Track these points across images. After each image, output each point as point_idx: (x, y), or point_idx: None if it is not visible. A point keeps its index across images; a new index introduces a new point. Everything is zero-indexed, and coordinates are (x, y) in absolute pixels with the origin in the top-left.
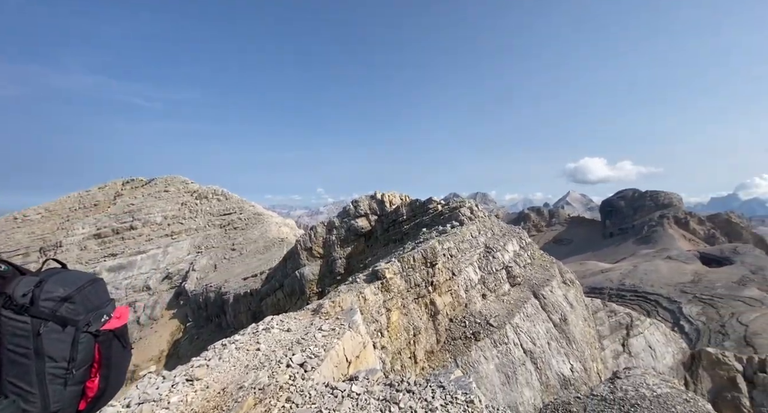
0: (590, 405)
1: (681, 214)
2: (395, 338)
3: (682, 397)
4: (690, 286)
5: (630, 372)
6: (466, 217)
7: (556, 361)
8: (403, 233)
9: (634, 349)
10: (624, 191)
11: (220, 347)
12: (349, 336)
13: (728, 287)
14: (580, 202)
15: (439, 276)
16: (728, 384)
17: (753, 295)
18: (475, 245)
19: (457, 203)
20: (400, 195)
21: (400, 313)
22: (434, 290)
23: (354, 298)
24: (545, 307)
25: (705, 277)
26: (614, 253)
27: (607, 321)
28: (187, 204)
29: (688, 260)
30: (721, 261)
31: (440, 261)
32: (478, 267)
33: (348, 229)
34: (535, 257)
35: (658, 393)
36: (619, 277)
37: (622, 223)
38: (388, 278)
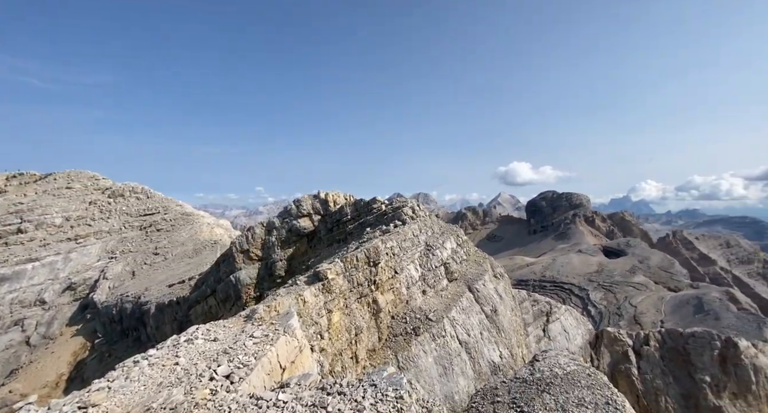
0: (513, 387)
1: (589, 213)
2: (336, 339)
3: (586, 372)
4: (595, 275)
5: (546, 355)
6: (408, 216)
7: (487, 350)
8: (347, 233)
9: (552, 333)
10: (545, 192)
11: (131, 364)
12: (284, 341)
13: (623, 275)
14: (510, 202)
15: (381, 275)
16: (622, 358)
17: (640, 281)
18: (417, 244)
19: (400, 203)
20: (345, 195)
21: (342, 314)
22: (377, 289)
23: (292, 301)
24: (479, 300)
25: (606, 267)
26: (537, 248)
27: (531, 309)
28: (97, 203)
29: (594, 253)
30: (618, 253)
31: (383, 260)
32: (419, 265)
33: (289, 229)
34: (470, 253)
35: (568, 371)
36: (541, 269)
37: (544, 221)
38: (330, 278)
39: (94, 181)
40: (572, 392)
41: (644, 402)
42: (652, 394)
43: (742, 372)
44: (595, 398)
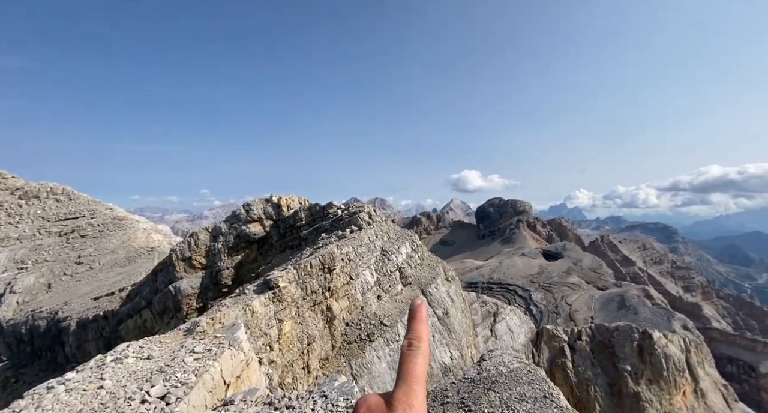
0: (462, 387)
1: (531, 219)
2: (287, 350)
3: (527, 369)
4: (536, 277)
5: (492, 354)
6: (365, 221)
7: (439, 352)
8: (301, 239)
9: (498, 333)
10: (493, 199)
11: (43, 391)
12: (229, 355)
13: (560, 276)
14: (461, 208)
15: (336, 281)
16: (559, 353)
17: (574, 281)
18: (373, 249)
19: (356, 208)
20: (299, 199)
21: (294, 323)
22: (331, 296)
23: (239, 312)
24: (431, 303)
25: (546, 269)
26: (486, 252)
27: (480, 310)
28: (4, 206)
29: (536, 256)
30: (556, 256)
31: (338, 266)
32: (375, 270)
33: (238, 235)
34: (424, 257)
35: (512, 369)
36: (489, 272)
37: (492, 226)
38: (282, 286)
39: (1, 180)
40: (515, 388)
41: (577, 392)
42: (583, 385)
43: (656, 361)
44: (534, 392)
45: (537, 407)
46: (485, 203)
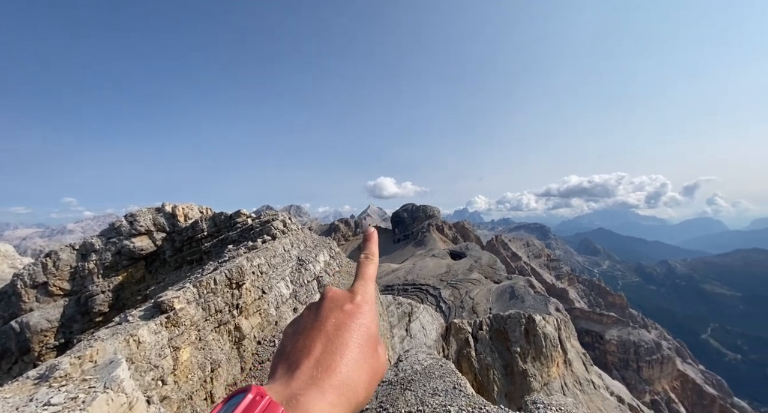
0: (381, 391)
1: (439, 222)
2: (185, 381)
3: (439, 364)
4: (445, 275)
5: (408, 354)
6: (279, 230)
7: None
8: (203, 252)
9: (413, 332)
10: (406, 205)
11: None
12: (105, 400)
13: (464, 273)
14: (378, 214)
15: (246, 297)
16: (464, 344)
17: (475, 277)
18: (288, 259)
19: (269, 216)
20: (200, 207)
21: (194, 349)
22: (240, 314)
23: (120, 344)
24: None
25: (452, 268)
26: (401, 255)
27: (396, 312)
28: None
29: (444, 257)
30: (460, 255)
31: (248, 280)
32: (291, 281)
33: (118, 252)
34: (342, 264)
35: (425, 366)
36: (404, 274)
37: (406, 230)
38: (178, 309)
39: None
40: (428, 384)
41: (479, 378)
42: (484, 370)
43: (538, 340)
44: (445, 385)
45: (448, 398)
46: (400, 209)
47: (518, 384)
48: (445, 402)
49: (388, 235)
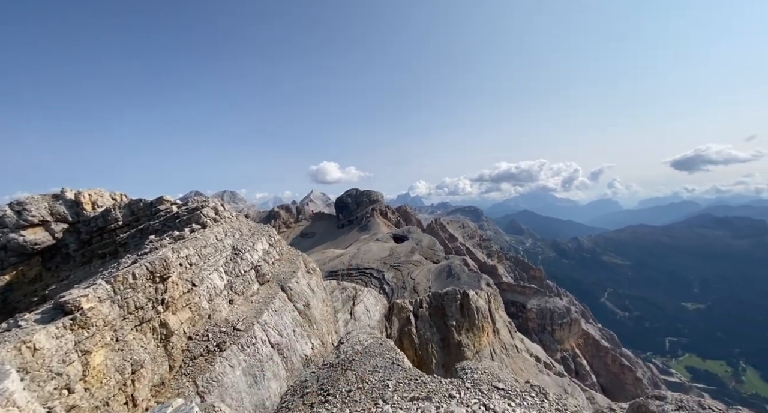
0: (322, 374)
1: (383, 207)
2: (99, 386)
3: (379, 342)
4: (388, 258)
5: (349, 336)
6: (209, 218)
7: (300, 345)
8: (118, 244)
9: (357, 314)
10: (350, 190)
11: None
12: None
13: (406, 256)
14: (321, 199)
15: (174, 291)
16: (406, 322)
17: (417, 259)
18: (221, 249)
19: (198, 203)
20: (112, 194)
21: (110, 351)
22: (167, 309)
23: (9, 353)
24: (291, 297)
25: (395, 251)
26: (346, 240)
27: (340, 296)
28: None
29: (387, 240)
30: (403, 238)
31: (175, 273)
32: (225, 272)
33: (3, 247)
34: (283, 252)
35: (366, 345)
36: (348, 259)
37: (350, 216)
38: (87, 308)
39: None
40: (368, 362)
41: (420, 352)
42: (424, 345)
43: (471, 314)
44: (384, 362)
45: (387, 374)
46: (344, 194)
47: (454, 355)
48: (384, 377)
49: (332, 221)
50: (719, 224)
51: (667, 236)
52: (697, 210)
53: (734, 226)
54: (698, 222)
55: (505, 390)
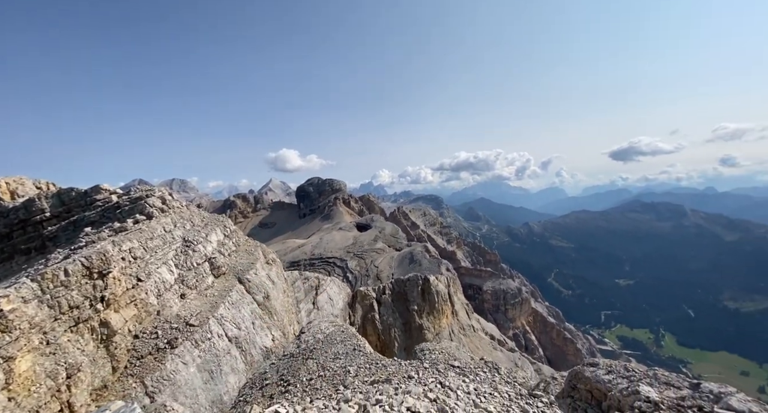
0: (282, 365)
1: (346, 196)
2: (27, 395)
3: (341, 330)
4: (351, 247)
5: (311, 325)
6: (156, 208)
7: (260, 337)
8: (45, 238)
9: (320, 303)
10: (312, 178)
11: None
12: None
13: (369, 244)
14: (281, 188)
15: (115, 287)
16: (369, 309)
17: (380, 247)
18: (171, 241)
19: (142, 192)
20: (36, 182)
21: (39, 355)
22: (108, 307)
23: None
24: (250, 290)
25: (359, 239)
26: (307, 230)
27: (302, 287)
28: None
29: (350, 229)
30: (366, 227)
31: (117, 268)
32: (175, 265)
33: None
34: (240, 243)
35: (327, 333)
36: (311, 249)
37: (312, 205)
38: (8, 310)
39: None
40: (330, 350)
41: (383, 337)
42: (387, 329)
43: (431, 298)
44: (346, 348)
45: (348, 360)
46: (305, 183)
47: (415, 338)
48: (345, 363)
49: (292, 210)
50: (646, 209)
51: (604, 221)
52: (629, 197)
53: (658, 211)
54: (629, 208)
55: (460, 367)
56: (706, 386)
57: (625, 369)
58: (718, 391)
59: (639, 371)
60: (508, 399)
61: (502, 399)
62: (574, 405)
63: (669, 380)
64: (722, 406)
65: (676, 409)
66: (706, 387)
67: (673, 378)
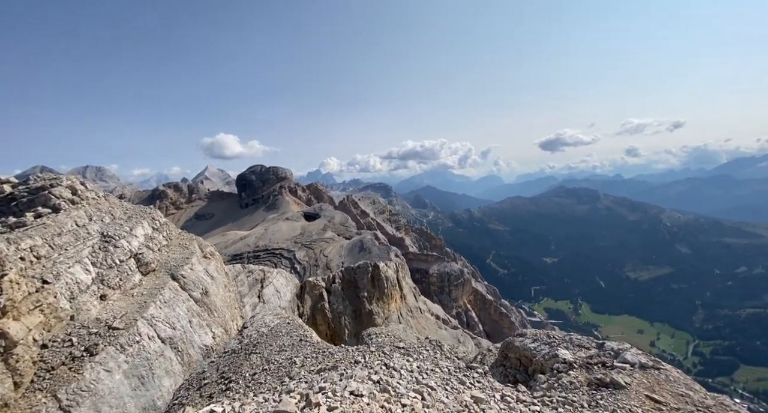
0: (222, 362)
1: (292, 185)
2: None
3: (286, 321)
4: (299, 237)
5: (254, 319)
6: (65, 200)
7: (198, 336)
8: None
9: (266, 297)
10: (254, 166)
11: None
12: None
13: (318, 234)
14: (219, 177)
15: (13, 292)
16: (319, 298)
17: (329, 236)
18: (85, 237)
19: (45, 180)
20: None
21: None
22: (4, 315)
23: None
24: (185, 286)
25: (307, 229)
26: (250, 221)
27: (246, 280)
28: None
29: (298, 219)
30: (315, 217)
31: (14, 270)
32: (92, 263)
33: None
34: (172, 237)
35: (272, 326)
36: (255, 241)
37: (255, 194)
38: None
39: None
40: (275, 343)
41: (333, 325)
42: (337, 318)
43: (381, 284)
44: (292, 340)
45: (294, 351)
46: (246, 171)
47: (365, 323)
48: (291, 355)
49: (233, 200)
50: (569, 194)
51: (534, 205)
52: (555, 183)
53: (578, 196)
54: (555, 193)
55: (405, 348)
56: (608, 345)
57: (548, 337)
58: (618, 348)
59: (558, 337)
60: (448, 373)
61: (442, 374)
62: (505, 372)
63: (581, 342)
64: (620, 360)
65: (585, 367)
66: (609, 345)
67: (584, 341)
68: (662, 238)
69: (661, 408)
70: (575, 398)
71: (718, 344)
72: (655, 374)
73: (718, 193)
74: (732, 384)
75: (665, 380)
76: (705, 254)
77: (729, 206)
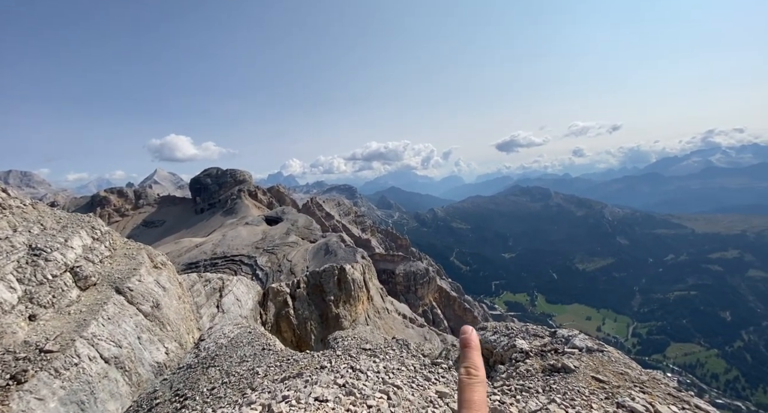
0: (176, 379)
1: (252, 188)
2: None
3: (247, 331)
4: (260, 243)
5: (211, 330)
6: None
7: (149, 352)
8: None
9: (225, 306)
10: (209, 169)
11: None
12: None
13: (281, 238)
14: (170, 180)
15: None
16: (283, 305)
17: (293, 240)
18: (8, 250)
19: None
20: None
21: None
22: None
23: None
24: (133, 300)
25: (269, 234)
26: (206, 227)
27: (203, 290)
28: None
29: (259, 223)
30: (277, 220)
31: None
32: (18, 280)
33: None
34: (116, 247)
35: (232, 337)
36: (211, 248)
37: (211, 198)
38: None
39: None
40: (236, 354)
41: (298, 331)
42: (302, 323)
43: (348, 286)
44: (254, 350)
45: (256, 361)
46: (201, 174)
47: (332, 327)
48: (254, 365)
49: (186, 205)
50: (523, 192)
51: (493, 204)
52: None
53: (532, 194)
54: (511, 192)
55: (371, 349)
56: (560, 332)
57: (506, 328)
58: (568, 335)
59: (516, 328)
60: (414, 371)
61: (408, 372)
62: None
63: (536, 332)
64: (570, 346)
65: (540, 355)
66: (560, 333)
67: (539, 330)
68: (605, 231)
69: (604, 386)
70: (531, 384)
71: (652, 325)
72: (599, 356)
73: (649, 189)
74: (665, 360)
75: (608, 361)
76: (640, 245)
77: (658, 200)
